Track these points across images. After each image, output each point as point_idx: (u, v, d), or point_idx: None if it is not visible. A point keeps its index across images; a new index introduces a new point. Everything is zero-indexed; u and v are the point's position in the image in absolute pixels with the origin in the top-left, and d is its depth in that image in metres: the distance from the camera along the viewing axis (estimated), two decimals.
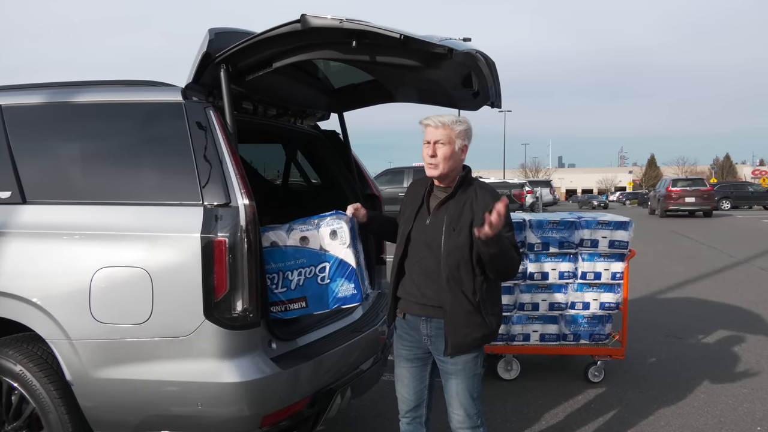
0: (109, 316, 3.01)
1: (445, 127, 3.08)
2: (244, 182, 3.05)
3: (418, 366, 3.27)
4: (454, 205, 3.10)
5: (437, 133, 3.08)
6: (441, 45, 3.02)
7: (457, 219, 3.05)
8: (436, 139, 3.08)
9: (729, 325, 7.70)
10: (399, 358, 3.31)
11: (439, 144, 3.08)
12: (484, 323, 3.08)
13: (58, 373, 3.11)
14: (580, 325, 5.52)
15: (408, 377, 3.29)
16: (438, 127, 3.09)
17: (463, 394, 3.14)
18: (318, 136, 4.75)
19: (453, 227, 3.05)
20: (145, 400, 3.06)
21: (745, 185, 47.62)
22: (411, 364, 3.27)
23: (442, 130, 3.08)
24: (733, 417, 4.84)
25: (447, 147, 3.08)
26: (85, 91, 3.47)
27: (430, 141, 3.10)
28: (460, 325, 3.04)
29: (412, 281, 3.17)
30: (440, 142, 3.08)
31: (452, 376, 3.15)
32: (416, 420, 3.33)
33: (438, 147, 3.08)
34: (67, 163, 3.44)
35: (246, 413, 3.02)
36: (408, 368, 3.29)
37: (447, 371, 3.16)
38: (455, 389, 3.15)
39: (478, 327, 3.07)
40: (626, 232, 5.37)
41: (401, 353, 3.29)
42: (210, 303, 2.95)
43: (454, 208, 3.09)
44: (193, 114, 3.17)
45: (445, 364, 3.15)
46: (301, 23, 2.98)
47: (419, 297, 3.14)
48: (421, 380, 3.29)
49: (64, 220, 3.18)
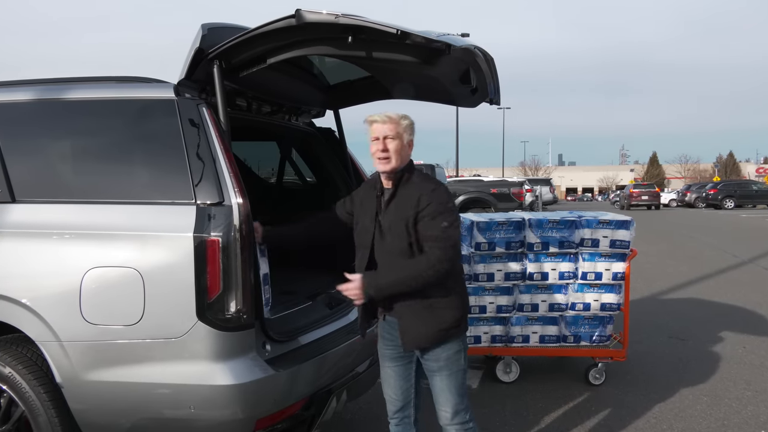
0: (99, 318, 3.02)
1: (392, 122, 3.13)
2: (237, 181, 3.06)
3: (402, 365, 3.32)
4: (395, 205, 3.14)
5: (385, 128, 3.13)
6: (439, 41, 3.03)
7: (397, 220, 3.10)
8: (385, 134, 3.12)
9: (732, 326, 7.73)
10: (383, 358, 3.37)
11: (388, 139, 3.12)
12: (437, 319, 3.11)
13: (48, 376, 3.12)
14: (581, 327, 5.53)
15: (393, 377, 3.34)
16: (385, 122, 3.13)
17: (448, 390, 3.19)
18: (313, 133, 4.75)
19: (390, 226, 3.12)
20: (137, 402, 3.06)
21: (748, 183, 47.77)
22: (395, 363, 3.33)
23: (389, 125, 3.13)
24: (736, 420, 4.85)
25: (396, 141, 3.13)
26: (75, 88, 3.47)
27: (378, 137, 3.13)
28: (411, 324, 3.13)
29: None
30: (389, 137, 3.12)
31: (436, 374, 3.19)
32: (405, 420, 3.39)
33: (388, 142, 3.12)
34: (57, 161, 3.45)
35: (240, 416, 3.02)
36: (392, 368, 3.34)
37: (430, 369, 3.21)
38: (440, 386, 3.20)
39: (427, 324, 3.11)
40: (628, 232, 5.38)
41: (385, 353, 3.35)
42: (203, 304, 2.96)
43: (395, 209, 3.13)
44: (186, 111, 3.17)
45: (428, 361, 3.19)
46: (295, 18, 2.98)
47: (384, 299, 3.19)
48: (407, 379, 3.35)
49: (54, 220, 3.18)
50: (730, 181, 51.42)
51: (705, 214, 34.50)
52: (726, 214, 34.28)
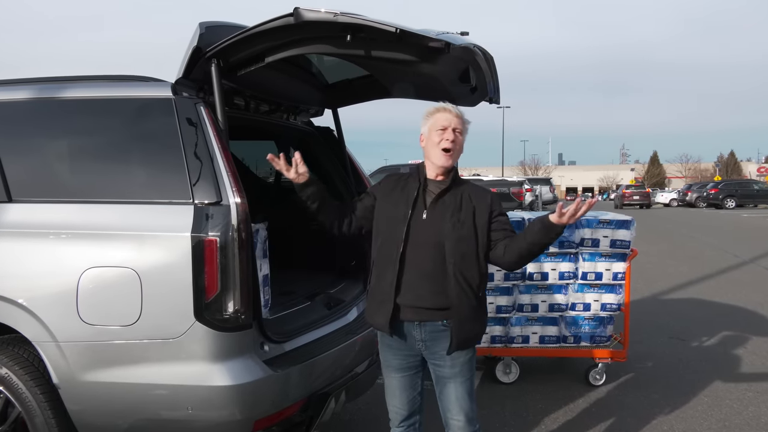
0: (97, 318, 3.02)
1: (461, 116, 3.08)
2: (235, 180, 3.06)
3: (410, 375, 3.20)
4: (451, 198, 3.05)
5: (456, 121, 3.06)
6: (438, 39, 3.03)
7: (459, 211, 3.01)
8: (455, 126, 3.05)
9: (733, 326, 7.74)
10: (388, 368, 3.22)
11: (457, 131, 3.06)
12: (484, 318, 3.12)
13: (45, 376, 3.12)
14: (581, 327, 5.54)
15: (399, 388, 3.21)
16: (457, 115, 3.07)
17: (463, 397, 3.11)
18: (311, 132, 4.75)
19: (457, 218, 3.00)
20: (134, 403, 3.07)
21: (750, 183, 47.81)
22: (402, 373, 3.19)
23: (459, 120, 3.07)
24: (737, 421, 4.86)
25: (462, 137, 3.08)
26: (72, 87, 3.48)
27: (447, 127, 3.04)
28: (467, 320, 3.02)
29: (405, 284, 3.03)
30: (458, 131, 3.06)
31: (451, 381, 3.11)
32: (411, 427, 3.28)
33: (457, 135, 3.05)
34: (54, 160, 3.45)
35: (238, 417, 3.03)
36: (399, 378, 3.20)
37: (445, 375, 3.11)
38: (455, 393, 3.11)
39: (480, 322, 3.11)
40: (628, 231, 5.38)
41: (391, 363, 3.20)
42: (201, 304, 2.96)
43: (452, 201, 3.04)
44: (184, 110, 3.17)
45: (443, 368, 3.10)
46: (294, 17, 2.98)
47: (413, 300, 3.02)
48: (414, 388, 3.22)
49: (51, 219, 3.18)
50: (731, 181, 51.52)
51: (706, 214, 34.54)
52: (727, 213, 34.33)
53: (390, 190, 3.17)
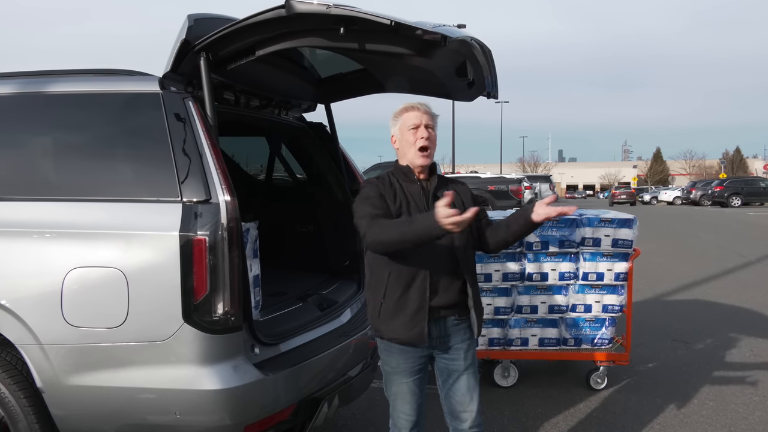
0: (82, 320, 3.02)
1: (429, 113, 3.14)
2: (225, 177, 3.06)
3: (419, 377, 3.20)
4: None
5: (426, 117, 3.12)
6: (434, 32, 3.03)
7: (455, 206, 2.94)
8: (427, 123, 3.11)
9: (739, 328, 7.76)
10: (400, 374, 3.17)
11: (430, 128, 3.11)
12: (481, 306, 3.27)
13: (28, 380, 3.12)
14: (582, 329, 5.55)
15: (411, 392, 3.18)
16: (425, 111, 3.13)
17: (474, 388, 3.19)
18: (304, 128, 4.75)
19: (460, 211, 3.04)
20: (120, 408, 3.07)
21: (756, 180, 47.83)
22: (414, 376, 3.17)
23: (428, 115, 3.13)
24: (743, 426, 4.88)
25: (434, 132, 3.14)
26: (56, 81, 3.47)
27: (419, 124, 3.10)
28: (478, 308, 3.18)
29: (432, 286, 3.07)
30: (430, 127, 3.12)
31: (463, 374, 3.18)
32: None
33: (430, 131, 3.11)
34: (38, 157, 3.44)
35: (227, 422, 3.03)
36: (410, 383, 3.18)
37: (458, 369, 3.17)
38: (466, 386, 3.18)
39: (482, 309, 3.24)
40: (630, 230, 5.39)
41: (403, 368, 3.16)
42: (189, 305, 2.96)
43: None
44: (171, 105, 3.17)
45: (457, 360, 3.17)
46: (285, 9, 2.98)
47: (441, 300, 3.10)
48: (423, 391, 3.25)
49: (35, 218, 3.18)
50: (736, 178, 51.53)
51: (711, 212, 34.60)
52: (732, 212, 34.39)
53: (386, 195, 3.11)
